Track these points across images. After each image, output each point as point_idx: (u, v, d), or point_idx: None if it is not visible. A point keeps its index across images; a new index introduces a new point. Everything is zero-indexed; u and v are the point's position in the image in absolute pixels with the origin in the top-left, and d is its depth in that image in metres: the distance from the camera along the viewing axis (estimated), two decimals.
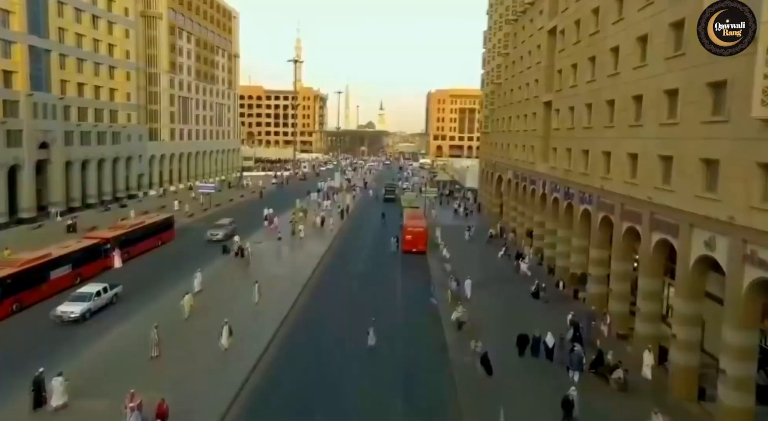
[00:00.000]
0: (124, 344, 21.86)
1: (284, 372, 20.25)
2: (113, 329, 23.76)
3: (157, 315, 24.50)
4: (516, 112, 45.61)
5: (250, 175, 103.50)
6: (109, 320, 24.94)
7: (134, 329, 23.21)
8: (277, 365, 20.80)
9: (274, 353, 21.77)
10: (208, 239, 42.65)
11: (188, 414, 16.41)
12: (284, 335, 23.68)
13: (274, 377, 19.79)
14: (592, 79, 27.68)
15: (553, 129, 34.39)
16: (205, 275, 31.30)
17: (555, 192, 33.91)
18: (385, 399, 18.49)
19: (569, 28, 31.76)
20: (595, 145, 26.67)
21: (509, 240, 44.98)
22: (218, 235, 43.06)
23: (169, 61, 73.91)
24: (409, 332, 24.78)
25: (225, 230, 43.84)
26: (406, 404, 18.18)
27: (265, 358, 21.21)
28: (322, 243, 43.05)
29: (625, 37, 23.68)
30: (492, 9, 58.63)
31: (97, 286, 26.61)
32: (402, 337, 23.92)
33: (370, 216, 60.32)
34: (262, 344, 21.99)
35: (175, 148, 77.84)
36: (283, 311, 25.87)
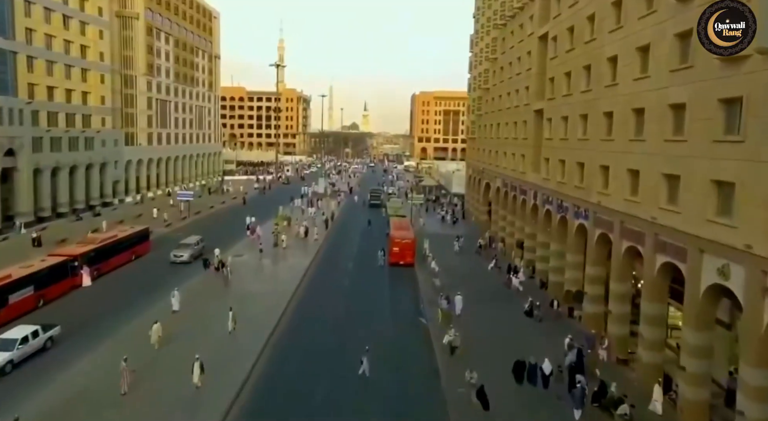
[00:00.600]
0: (81, 384, 19.68)
1: (265, 408, 18.62)
2: (56, 375, 20.02)
3: (126, 344, 22.68)
4: (505, 119, 44.51)
5: (232, 180, 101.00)
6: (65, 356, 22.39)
7: (96, 366, 21.07)
8: (257, 401, 19.14)
9: (252, 388, 20.10)
10: (172, 260, 37.80)
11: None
12: (263, 365, 21.94)
13: (254, 414, 18.16)
14: (587, 88, 26.56)
15: (545, 139, 33.27)
16: (183, 292, 29.50)
17: (547, 204, 32.80)
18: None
19: (562, 35, 30.66)
20: (592, 158, 25.55)
21: (499, 251, 43.84)
22: (183, 256, 38.08)
23: (146, 62, 71.41)
24: (399, 356, 23.31)
25: (191, 250, 38.99)
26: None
27: (243, 394, 19.52)
28: (306, 255, 41.37)
29: (623, 46, 22.57)
30: (479, 12, 57.54)
31: (25, 329, 21.98)
32: (391, 363, 22.44)
33: (356, 224, 58.78)
34: (237, 379, 20.18)
35: (153, 153, 75.31)
36: (262, 339, 23.97)
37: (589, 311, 25.84)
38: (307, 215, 60.92)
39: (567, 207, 29.05)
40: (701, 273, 16.55)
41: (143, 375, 19.94)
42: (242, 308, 27.40)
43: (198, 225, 54.67)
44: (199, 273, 36.15)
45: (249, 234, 49.11)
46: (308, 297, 31.16)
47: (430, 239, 46.39)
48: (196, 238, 41.40)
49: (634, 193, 21.18)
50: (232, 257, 37.93)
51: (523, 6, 39.64)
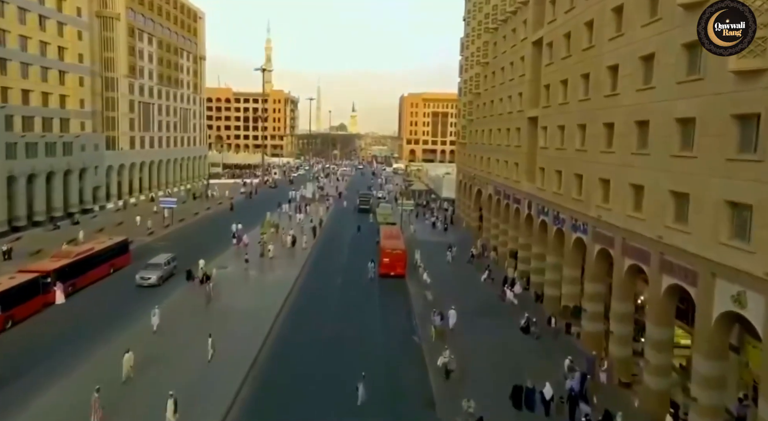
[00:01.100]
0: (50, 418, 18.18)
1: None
2: None
3: (101, 370, 21.18)
4: (497, 125, 43.54)
5: (218, 184, 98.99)
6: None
7: (66, 394, 19.58)
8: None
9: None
10: (139, 283, 33.26)
11: None
12: (245, 397, 20.40)
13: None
14: (585, 97, 25.61)
15: (539, 147, 32.31)
16: (164, 309, 28.02)
17: (542, 215, 31.83)
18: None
19: (558, 41, 29.72)
20: (591, 170, 24.57)
21: (491, 260, 42.84)
22: (151, 278, 33.46)
23: (128, 64, 69.31)
24: (392, 382, 22.06)
25: (161, 271, 34.31)
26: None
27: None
28: (294, 266, 39.94)
29: (625, 55, 21.61)
30: (470, 15, 56.64)
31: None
32: (384, 389, 21.17)
33: (345, 230, 57.50)
34: (214, 416, 18.68)
35: (136, 157, 73.16)
36: (244, 368, 22.27)
37: (589, 329, 24.86)
38: (295, 221, 59.58)
39: (564, 219, 28.09)
40: (713, 299, 15.58)
41: (115, 408, 18.46)
42: (224, 329, 25.98)
43: (181, 233, 52.98)
44: (181, 285, 34.65)
45: (235, 243, 47.60)
46: (295, 315, 29.71)
47: (421, 247, 45.29)
48: (166, 257, 36.51)
49: (638, 210, 20.20)
50: (216, 269, 36.43)
51: (515, 10, 38.70)
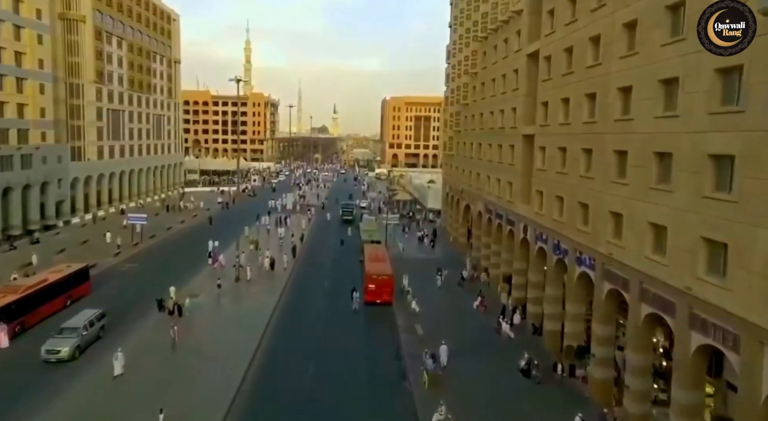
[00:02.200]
0: None
1: None
2: None
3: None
4: (488, 140, 41.24)
5: (195, 192, 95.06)
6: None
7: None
8: None
9: None
10: (45, 359, 24.59)
11: None
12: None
13: None
14: (591, 120, 23.33)
15: (536, 169, 30.01)
16: (128, 348, 25.12)
17: (540, 241, 29.53)
18: None
19: (557, 56, 27.45)
20: (599, 201, 22.28)
21: (483, 283, 40.47)
22: (61, 352, 24.52)
23: (95, 69, 65.32)
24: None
25: (76, 339, 25.38)
26: None
27: None
28: (272, 293, 36.92)
29: (640, 76, 19.35)
30: (456, 22, 54.31)
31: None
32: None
33: (328, 246, 54.80)
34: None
35: (105, 168, 69.09)
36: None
37: (597, 376, 22.54)
38: (276, 236, 56.59)
39: (566, 250, 25.79)
40: (763, 371, 13.30)
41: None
42: (188, 381, 23.03)
43: (152, 252, 49.44)
44: (151, 316, 31.72)
45: (211, 263, 44.49)
46: (271, 359, 26.24)
47: (408, 267, 42.87)
48: (90, 315, 27.83)
49: (659, 253, 17.92)
50: (189, 298, 33.33)
51: (507, 20, 36.43)
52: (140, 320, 31.22)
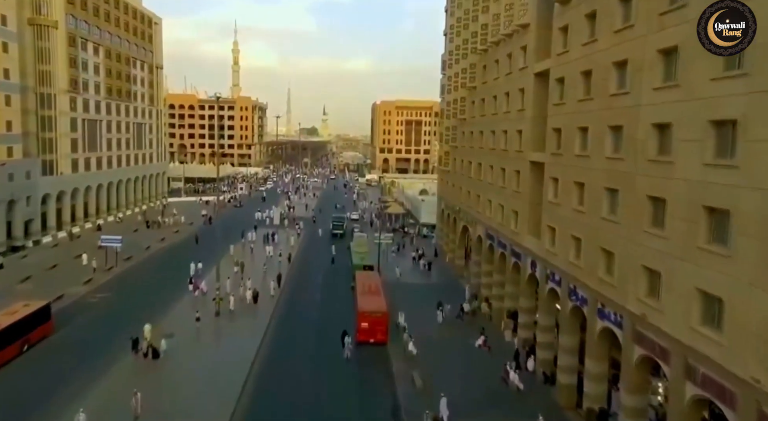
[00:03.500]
0: None
1: None
2: None
3: None
4: (489, 161, 38.34)
5: (178, 203, 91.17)
6: None
7: None
8: None
9: None
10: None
11: None
12: None
13: None
14: (617, 156, 20.47)
15: (548, 201, 27.12)
16: (91, 406, 22.12)
17: (552, 282, 26.65)
18: None
19: (572, 78, 24.58)
20: (627, 251, 19.42)
21: (484, 315, 37.53)
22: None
23: (69, 78, 61.39)
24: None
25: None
26: None
27: None
28: (255, 330, 33.57)
29: (682, 113, 16.50)
30: (452, 31, 51.40)
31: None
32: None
33: (317, 267, 51.74)
34: None
35: (80, 182, 65.14)
36: None
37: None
38: (262, 254, 53.47)
39: (584, 298, 22.92)
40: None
41: None
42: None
43: (127, 278, 45.74)
44: (123, 358, 28.63)
45: (192, 289, 41.16)
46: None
47: (404, 295, 40.00)
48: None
49: (711, 326, 15.07)
50: (164, 339, 30.02)
51: (511, 33, 33.55)
52: (110, 365, 27.96)
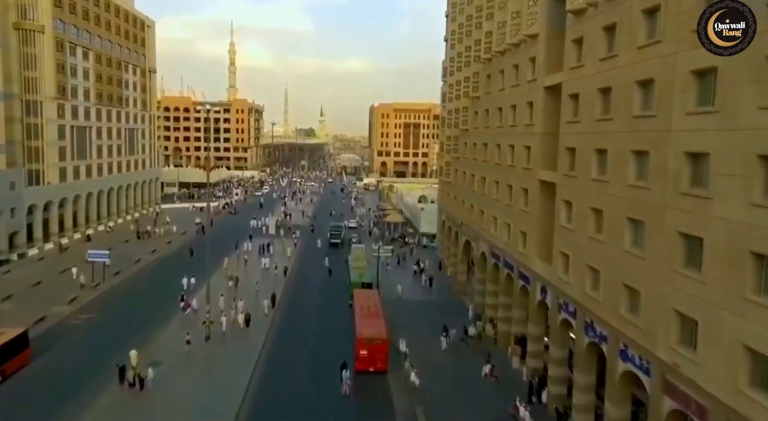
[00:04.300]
0: None
1: None
2: None
3: None
4: (493, 176, 36.50)
5: (171, 210, 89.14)
6: None
7: None
8: None
9: None
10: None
11: None
12: None
13: None
14: (641, 184, 18.64)
15: (560, 225, 25.28)
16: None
17: (566, 312, 24.81)
18: None
19: (589, 95, 22.75)
20: (655, 292, 17.58)
21: (489, 338, 35.68)
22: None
23: (56, 84, 59.28)
24: None
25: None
26: None
27: None
28: (246, 358, 31.50)
29: (724, 143, 14.69)
30: (453, 37, 49.54)
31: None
32: None
33: (314, 282, 49.98)
34: None
35: (68, 191, 63.02)
36: None
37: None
38: (258, 267, 52.11)
39: (604, 335, 21.09)
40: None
41: None
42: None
43: (115, 295, 43.72)
44: (107, 389, 26.84)
45: (183, 307, 39.32)
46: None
47: (405, 314, 38.24)
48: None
49: (764, 390, 13.23)
50: (150, 368, 28.11)
51: (519, 43, 31.72)
52: (95, 397, 26.14)
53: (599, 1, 21.82)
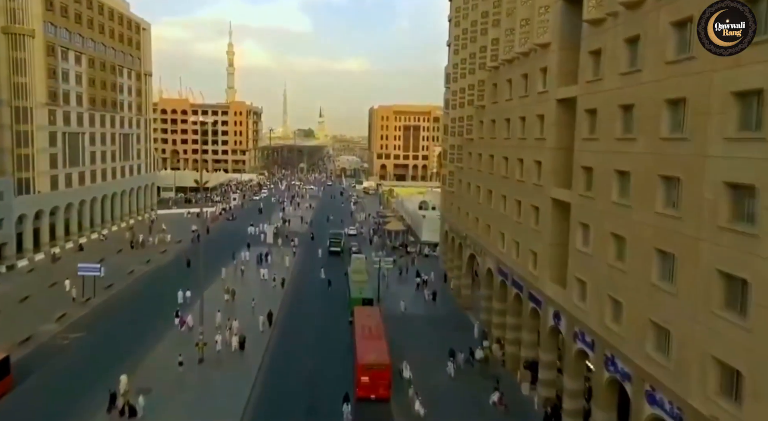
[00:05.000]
0: None
1: None
2: None
3: None
4: (500, 189, 34.89)
5: (167, 215, 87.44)
6: None
7: None
8: None
9: None
10: None
11: None
12: None
13: None
14: (671, 213, 17.03)
15: (576, 249, 23.66)
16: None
17: (582, 342, 23.20)
18: None
19: (608, 112, 21.14)
20: (689, 333, 15.97)
21: (497, 359, 34.07)
22: None
23: (47, 90, 57.64)
24: None
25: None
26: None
27: None
28: (242, 382, 29.87)
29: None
30: (457, 43, 47.85)
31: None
32: None
33: (313, 294, 48.45)
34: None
35: (60, 200, 61.33)
36: None
37: None
38: (256, 277, 50.89)
39: (627, 373, 19.47)
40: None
41: None
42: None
43: (107, 311, 41.99)
44: (98, 417, 25.56)
45: (178, 324, 37.76)
46: None
47: (408, 331, 36.70)
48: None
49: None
50: (141, 396, 26.51)
51: (528, 52, 30.10)
52: None
53: (620, 11, 20.21)
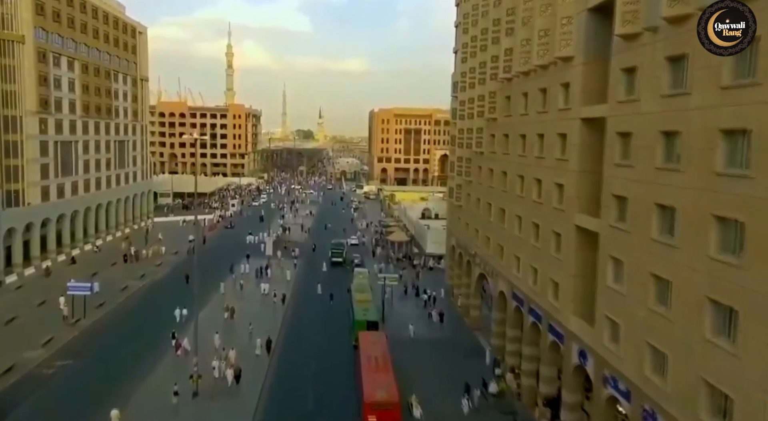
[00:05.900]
0: None
1: None
2: None
3: None
4: (515, 210, 32.74)
5: (164, 223, 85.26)
6: None
7: None
8: None
9: None
10: None
11: None
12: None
13: None
14: (728, 260, 14.89)
15: (606, 285, 21.50)
16: None
17: (612, 387, 21.04)
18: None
19: (647, 137, 18.98)
20: (753, 397, 13.84)
21: (511, 392, 31.92)
22: None
23: (38, 97, 55.41)
24: None
25: None
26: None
27: None
28: (239, 419, 27.84)
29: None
30: (465, 50, 45.73)
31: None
32: None
33: (315, 312, 46.45)
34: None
35: (52, 211, 59.11)
36: None
37: None
38: (255, 293, 48.97)
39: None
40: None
41: None
42: None
43: (96, 334, 39.63)
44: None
45: (175, 349, 35.64)
46: None
47: (416, 358, 34.78)
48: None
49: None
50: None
51: (547, 65, 27.96)
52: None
53: (661, 26, 18.09)
